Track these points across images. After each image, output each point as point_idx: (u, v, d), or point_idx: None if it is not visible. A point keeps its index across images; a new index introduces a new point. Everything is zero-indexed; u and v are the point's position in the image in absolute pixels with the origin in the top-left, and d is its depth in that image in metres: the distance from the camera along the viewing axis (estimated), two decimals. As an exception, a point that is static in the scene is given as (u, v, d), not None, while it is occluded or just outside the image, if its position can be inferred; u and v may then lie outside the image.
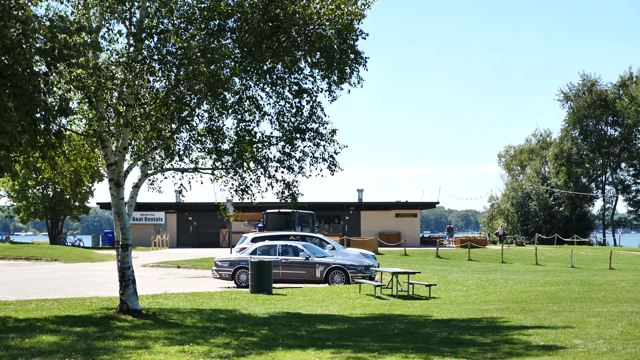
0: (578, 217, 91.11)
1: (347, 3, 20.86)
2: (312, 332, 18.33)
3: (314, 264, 33.75)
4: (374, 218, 73.67)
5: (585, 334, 16.94)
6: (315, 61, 21.40)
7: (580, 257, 58.14)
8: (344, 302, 26.01)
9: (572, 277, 37.22)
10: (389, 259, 51.56)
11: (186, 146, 22.16)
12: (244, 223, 68.40)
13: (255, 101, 21.88)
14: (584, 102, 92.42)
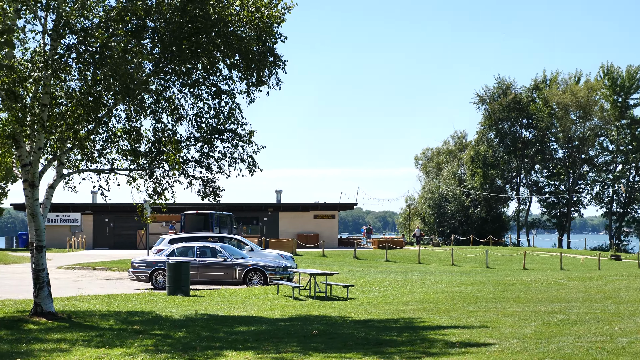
0: (493, 218, 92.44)
1: (267, 6, 20.91)
2: (231, 333, 18.28)
3: (232, 265, 33.66)
4: (292, 219, 73.72)
5: (500, 333, 17.22)
6: (234, 63, 21.38)
7: (495, 257, 59.02)
8: (262, 303, 25.99)
9: (488, 278, 37.76)
10: (307, 260, 51.64)
11: (103, 147, 21.90)
12: (162, 224, 67.84)
13: (173, 102, 21.76)
14: (499, 105, 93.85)
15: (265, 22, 20.82)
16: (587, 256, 65.79)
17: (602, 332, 17.01)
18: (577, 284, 32.23)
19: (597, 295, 26.70)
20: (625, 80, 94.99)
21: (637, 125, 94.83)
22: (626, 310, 21.37)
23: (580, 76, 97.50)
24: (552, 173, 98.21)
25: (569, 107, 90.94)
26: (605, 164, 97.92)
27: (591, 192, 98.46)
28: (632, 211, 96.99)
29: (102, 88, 19.86)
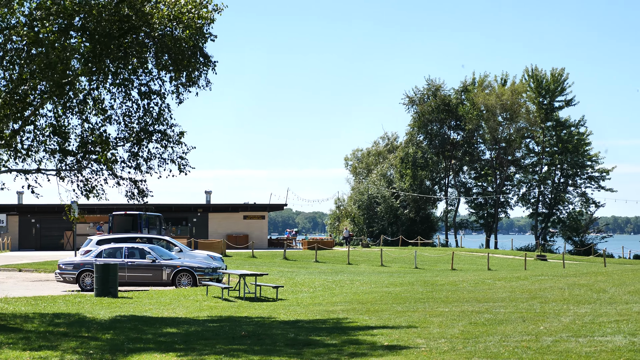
0: (422, 219, 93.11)
1: (198, 7, 20.82)
2: (159, 335, 18.14)
3: (161, 266, 33.40)
4: (222, 220, 73.42)
5: (428, 333, 17.37)
6: (164, 63, 21.25)
7: (423, 258, 59.53)
8: (191, 304, 25.84)
9: (416, 278, 38.06)
10: (237, 261, 51.51)
11: (30, 146, 21.57)
12: (89, 225, 67.03)
13: (101, 102, 21.54)
14: (429, 106, 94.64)
15: (196, 23, 20.73)
16: (513, 256, 66.77)
17: (528, 332, 17.26)
18: (504, 284, 32.65)
19: (523, 295, 27.09)
20: (550, 83, 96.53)
21: (562, 127, 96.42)
22: (551, 310, 21.72)
23: (506, 78, 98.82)
24: (480, 174, 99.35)
25: (495, 109, 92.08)
26: (532, 165, 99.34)
27: (518, 193, 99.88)
28: (558, 212, 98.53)
29: (28, 87, 19.56)
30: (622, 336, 16.11)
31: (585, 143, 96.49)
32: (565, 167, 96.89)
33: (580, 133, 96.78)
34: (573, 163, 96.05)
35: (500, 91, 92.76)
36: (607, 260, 61.57)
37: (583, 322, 18.66)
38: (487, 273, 44.36)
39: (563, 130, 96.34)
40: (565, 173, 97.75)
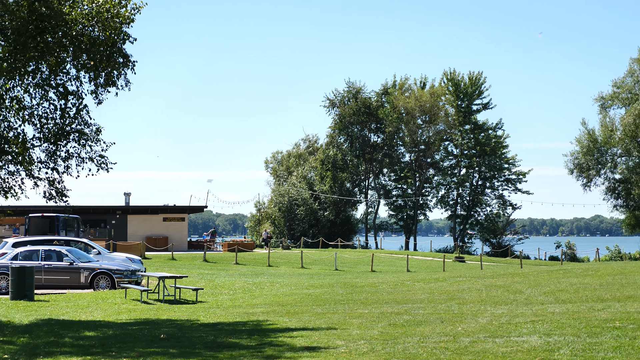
0: (342, 221, 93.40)
1: (117, 6, 20.59)
2: (77, 338, 17.90)
3: (79, 269, 32.96)
4: (141, 222, 72.68)
5: (348, 334, 17.45)
6: (82, 63, 20.96)
7: (344, 260, 59.74)
8: (110, 307, 25.56)
9: (336, 280, 38.18)
10: (157, 264, 51.06)
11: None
12: (5, 227, 65.76)
13: (19, 101, 21.17)
14: (350, 109, 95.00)
15: (115, 22, 20.51)
16: (432, 258, 67.41)
17: (446, 332, 17.46)
18: (423, 285, 32.96)
19: (442, 296, 27.39)
20: (468, 87, 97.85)
21: (479, 130, 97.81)
22: (469, 311, 22.00)
23: (425, 82, 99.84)
24: (400, 176, 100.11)
25: (415, 112, 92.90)
26: (450, 167, 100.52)
27: (436, 195, 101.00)
28: (475, 214, 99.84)
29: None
30: (538, 336, 16.39)
31: (503, 146, 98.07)
32: (483, 170, 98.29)
33: (498, 136, 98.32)
34: (491, 166, 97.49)
35: (419, 94, 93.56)
36: (523, 262, 62.59)
37: (500, 323, 18.94)
38: (407, 274, 44.73)
39: (481, 133, 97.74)
40: (483, 175, 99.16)
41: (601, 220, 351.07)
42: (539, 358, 13.94)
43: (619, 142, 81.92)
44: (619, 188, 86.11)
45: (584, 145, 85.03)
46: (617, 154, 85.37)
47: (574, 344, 15.14)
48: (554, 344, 15.25)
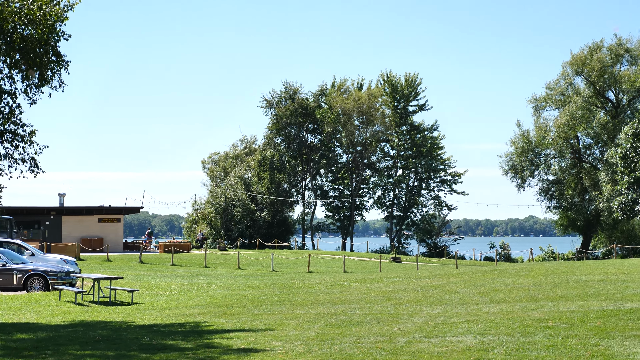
0: (279, 221, 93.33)
1: (49, 4, 20.31)
2: (9, 341, 17.62)
3: (11, 270, 32.46)
4: (76, 223, 71.86)
5: (284, 335, 17.45)
6: (14, 62, 20.65)
7: (281, 261, 59.73)
8: (43, 309, 25.23)
9: (273, 281, 38.17)
10: (92, 265, 50.53)
11: None
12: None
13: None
14: (287, 109, 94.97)
15: (48, 20, 20.22)
16: (369, 259, 67.70)
17: (382, 333, 17.55)
18: (359, 286, 33.09)
19: (378, 296, 27.52)
20: (404, 88, 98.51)
21: (416, 131, 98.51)
22: (405, 311, 22.14)
23: (362, 83, 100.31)
24: (337, 177, 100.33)
25: (352, 113, 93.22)
26: (387, 168, 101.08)
27: (373, 196, 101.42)
28: (412, 215, 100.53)
29: None
30: (473, 336, 16.56)
31: (439, 147, 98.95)
32: (419, 171, 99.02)
33: (434, 137, 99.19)
34: (427, 167, 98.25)
35: (357, 95, 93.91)
36: (458, 262, 63.18)
37: (435, 323, 19.09)
38: (343, 275, 44.86)
39: (417, 134, 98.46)
40: (419, 176, 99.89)
41: (535, 220, 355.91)
42: (473, 358, 14.07)
43: (553, 143, 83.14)
44: (553, 189, 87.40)
45: (518, 146, 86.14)
46: (550, 155, 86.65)
47: (508, 344, 15.32)
48: (488, 344, 15.42)
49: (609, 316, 19.10)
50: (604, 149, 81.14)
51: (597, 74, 79.25)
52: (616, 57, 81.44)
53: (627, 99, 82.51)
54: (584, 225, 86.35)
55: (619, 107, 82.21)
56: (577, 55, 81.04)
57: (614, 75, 79.97)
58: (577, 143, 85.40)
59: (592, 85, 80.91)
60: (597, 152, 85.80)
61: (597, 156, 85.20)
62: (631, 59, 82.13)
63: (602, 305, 21.64)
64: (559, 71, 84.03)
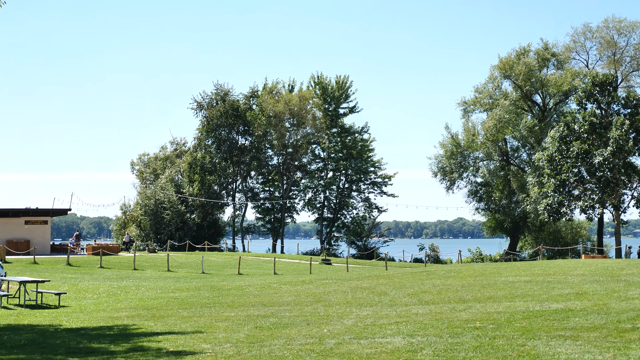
0: (209, 224, 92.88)
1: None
2: None
3: None
4: (1, 226, 70.63)
5: (214, 338, 17.38)
6: None
7: (211, 263, 59.47)
8: (-32, 313, 24.76)
9: (203, 283, 37.99)
10: (18, 268, 49.74)
11: None
12: None
13: None
14: (217, 111, 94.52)
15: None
16: (299, 260, 67.75)
17: (312, 335, 17.58)
18: (290, 288, 33.10)
19: (308, 298, 27.56)
20: (335, 90, 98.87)
21: (346, 133, 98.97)
22: (335, 313, 22.20)
23: (294, 85, 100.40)
24: (268, 179, 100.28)
25: (283, 115, 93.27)
26: (317, 170, 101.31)
27: (304, 198, 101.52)
28: (342, 217, 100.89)
29: None
30: (402, 337, 16.67)
31: (369, 149, 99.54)
32: (350, 173, 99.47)
33: (364, 139, 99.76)
34: (357, 169, 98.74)
35: (288, 97, 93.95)
36: (388, 264, 63.53)
37: (365, 325, 19.18)
38: (274, 277, 44.84)
39: (348, 136, 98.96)
40: (350, 178, 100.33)
41: (464, 222, 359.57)
42: (402, 359, 14.17)
43: (481, 146, 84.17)
44: (481, 191, 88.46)
45: (447, 149, 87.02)
46: (479, 157, 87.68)
47: (436, 344, 15.47)
48: (417, 345, 15.54)
49: (535, 317, 19.39)
50: (531, 151, 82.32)
51: (524, 77, 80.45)
52: (543, 61, 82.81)
53: (553, 102, 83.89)
54: (512, 227, 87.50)
55: (545, 111, 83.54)
56: (505, 59, 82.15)
57: (540, 79, 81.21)
58: (505, 146, 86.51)
59: (519, 88, 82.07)
60: (524, 155, 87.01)
61: (525, 159, 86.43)
62: (557, 63, 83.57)
63: (528, 306, 21.96)
64: (487, 75, 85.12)
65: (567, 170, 64.34)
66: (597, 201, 64.10)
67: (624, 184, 64.22)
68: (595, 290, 26.14)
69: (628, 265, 36.95)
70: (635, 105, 65.14)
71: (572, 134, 64.77)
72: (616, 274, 32.67)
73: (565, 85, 79.54)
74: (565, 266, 38.16)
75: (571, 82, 79.21)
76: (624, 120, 63.43)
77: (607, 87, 65.88)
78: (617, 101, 66.03)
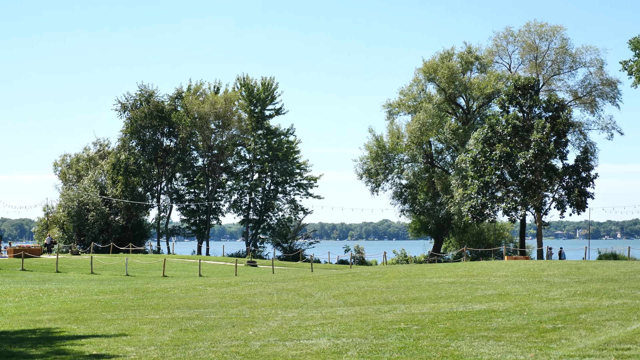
0: (134, 225, 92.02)
1: None
2: None
3: None
4: None
5: (138, 341, 17.23)
6: None
7: (135, 265, 58.95)
8: None
9: (127, 286, 37.61)
10: (-64, 271, 48.67)
11: None
12: None
13: None
14: (142, 112, 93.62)
15: None
16: (225, 262, 67.52)
17: (237, 337, 17.54)
18: (215, 290, 32.97)
19: (234, 300, 27.49)
20: (260, 92, 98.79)
21: (272, 135, 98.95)
22: (260, 315, 22.18)
23: (219, 86, 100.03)
24: (193, 181, 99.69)
25: (209, 116, 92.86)
26: (243, 172, 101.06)
27: (229, 200, 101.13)
28: (268, 218, 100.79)
29: None
30: (327, 339, 16.73)
31: (295, 151, 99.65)
32: (276, 175, 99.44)
33: (290, 141, 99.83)
34: (283, 171, 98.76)
35: (214, 99, 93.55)
36: (314, 266, 63.63)
37: (290, 326, 19.20)
38: (199, 279, 44.61)
39: (273, 138, 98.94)
40: (276, 180, 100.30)
41: (389, 224, 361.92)
42: (327, 360, 14.23)
43: (406, 148, 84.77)
44: (406, 193, 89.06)
45: (372, 151, 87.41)
46: (404, 160, 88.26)
47: (361, 346, 15.56)
48: (342, 346, 15.61)
49: (458, 317, 19.63)
50: (455, 154, 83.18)
51: (448, 80, 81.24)
52: (466, 65, 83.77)
53: (477, 105, 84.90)
54: (436, 228, 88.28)
55: (469, 113, 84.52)
56: (429, 62, 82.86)
57: (464, 82, 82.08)
58: (429, 148, 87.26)
59: (443, 91, 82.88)
60: (448, 157, 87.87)
61: (449, 161, 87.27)
62: (481, 66, 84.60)
63: (452, 307, 22.22)
64: (412, 77, 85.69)
65: (491, 172, 65.27)
66: (519, 203, 65.15)
67: (545, 186, 65.37)
68: (517, 291, 26.56)
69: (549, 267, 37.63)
70: (557, 108, 66.36)
71: (495, 137, 65.73)
72: (538, 275, 33.26)
73: (488, 89, 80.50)
74: (488, 267, 38.71)
75: (494, 85, 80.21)
76: (545, 124, 64.58)
77: (529, 90, 66.97)
78: (539, 104, 67.17)
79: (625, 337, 15.80)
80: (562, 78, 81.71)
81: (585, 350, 14.39)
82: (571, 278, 31.82)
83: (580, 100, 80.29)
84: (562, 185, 67.30)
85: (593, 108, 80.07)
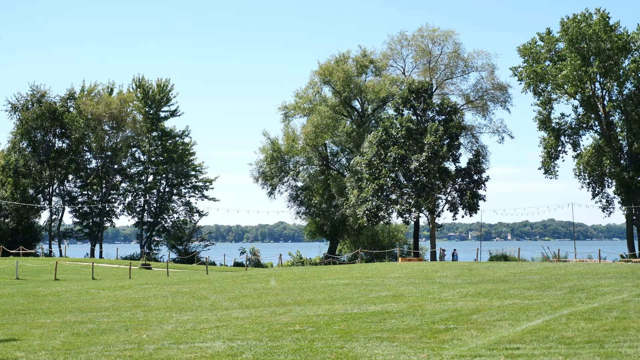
0: (25, 228, 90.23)
1: None
2: None
3: None
4: None
5: (28, 345, 16.89)
6: None
7: (26, 268, 57.71)
8: None
9: (17, 289, 36.83)
10: None
11: None
12: None
13: None
14: (33, 113, 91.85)
15: None
16: (118, 265, 66.66)
17: (131, 340, 17.34)
18: (108, 293, 32.57)
19: (127, 303, 27.18)
20: (156, 93, 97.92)
21: (167, 137, 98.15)
22: (154, 318, 21.99)
23: (113, 87, 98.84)
24: (86, 183, 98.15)
25: (103, 118, 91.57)
26: (138, 174, 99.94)
27: (123, 202, 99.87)
28: (163, 221, 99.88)
29: None
30: (222, 341, 16.68)
31: (190, 153, 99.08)
32: (171, 177, 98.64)
33: (185, 143, 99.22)
34: (178, 172, 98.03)
35: (109, 100, 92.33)
36: (209, 268, 63.42)
37: (185, 329, 19.08)
38: (92, 282, 43.96)
39: (169, 140, 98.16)
40: (171, 182, 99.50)
41: (285, 226, 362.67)
42: (222, 363, 14.19)
43: (301, 150, 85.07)
44: (302, 195, 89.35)
45: (268, 154, 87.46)
46: (299, 162, 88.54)
47: (256, 348, 15.56)
48: (237, 349, 15.59)
49: (353, 319, 19.80)
50: (350, 156, 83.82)
51: (343, 83, 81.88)
52: (361, 68, 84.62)
53: (371, 108, 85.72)
54: (331, 230, 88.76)
55: (364, 116, 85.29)
56: (325, 65, 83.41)
57: (359, 85, 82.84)
58: (325, 150, 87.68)
59: (338, 94, 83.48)
60: (343, 160, 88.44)
61: (344, 163, 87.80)
62: (376, 69, 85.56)
63: (347, 308, 22.40)
64: (308, 80, 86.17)
65: (385, 175, 66.02)
66: (413, 205, 66.05)
67: (438, 188, 66.48)
68: (411, 292, 26.94)
69: (442, 268, 38.28)
70: (449, 112, 67.57)
71: (390, 139, 66.52)
72: (431, 277, 33.80)
73: (383, 92, 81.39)
74: (382, 269, 39.17)
75: (389, 88, 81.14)
76: (439, 127, 65.66)
77: (423, 94, 68.04)
78: (432, 108, 68.30)
79: (515, 336, 16.16)
80: (454, 82, 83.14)
81: (476, 350, 14.67)
82: (463, 279, 32.45)
83: (472, 104, 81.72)
84: (455, 187, 68.53)
85: (485, 112, 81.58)
